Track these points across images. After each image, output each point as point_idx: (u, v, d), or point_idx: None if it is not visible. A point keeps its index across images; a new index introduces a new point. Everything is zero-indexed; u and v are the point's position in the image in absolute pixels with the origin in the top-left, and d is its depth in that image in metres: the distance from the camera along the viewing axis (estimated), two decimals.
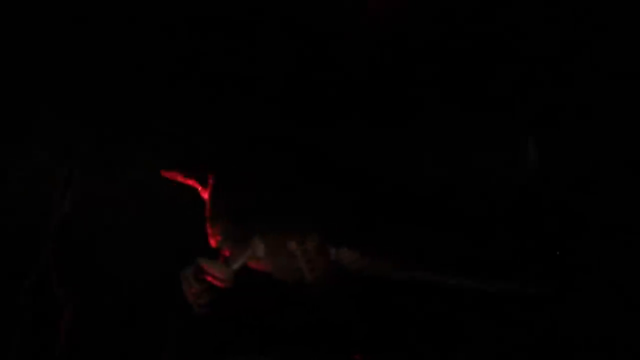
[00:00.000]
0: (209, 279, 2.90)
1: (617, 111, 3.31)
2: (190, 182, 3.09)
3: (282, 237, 2.95)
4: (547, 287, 3.03)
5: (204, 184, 3.06)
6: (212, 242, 3.00)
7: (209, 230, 3.01)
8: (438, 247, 3.11)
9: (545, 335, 3.04)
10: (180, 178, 3.10)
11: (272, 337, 3.05)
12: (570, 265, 3.13)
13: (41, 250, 3.37)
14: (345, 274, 3.00)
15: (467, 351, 3.04)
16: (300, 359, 3.02)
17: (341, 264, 2.98)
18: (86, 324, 3.22)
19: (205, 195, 3.05)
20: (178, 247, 3.19)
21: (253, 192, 3.06)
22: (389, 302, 3.09)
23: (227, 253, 2.95)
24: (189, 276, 2.91)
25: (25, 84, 3.54)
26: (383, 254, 3.02)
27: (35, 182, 3.48)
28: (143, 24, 3.52)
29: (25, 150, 3.50)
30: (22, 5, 3.57)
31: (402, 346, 3.05)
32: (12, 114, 3.54)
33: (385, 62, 3.45)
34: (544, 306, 3.04)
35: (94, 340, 3.20)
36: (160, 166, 3.20)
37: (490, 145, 3.31)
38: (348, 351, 3.03)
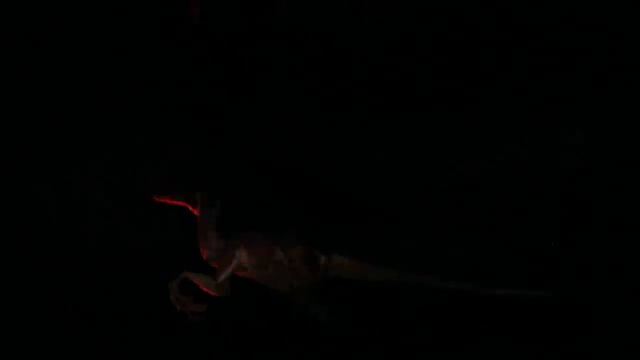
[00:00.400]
0: (204, 289, 3.11)
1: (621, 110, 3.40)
2: (181, 203, 3.25)
3: (269, 247, 3.12)
4: (551, 291, 3.01)
5: (193, 204, 3.22)
6: (203, 256, 3.18)
7: (199, 244, 3.18)
8: (439, 249, 3.21)
9: (549, 338, 3.06)
10: (170, 201, 3.26)
11: (263, 343, 3.18)
12: (574, 265, 3.18)
13: (42, 250, 3.51)
14: (335, 280, 3.11)
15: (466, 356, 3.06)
16: None
17: (332, 271, 3.11)
18: (86, 324, 3.39)
19: (196, 212, 3.21)
20: (180, 248, 3.35)
21: (239, 205, 3.19)
22: (383, 307, 3.19)
23: (216, 265, 3.15)
24: (174, 286, 3.11)
25: (24, 87, 3.63)
26: (376, 259, 3.09)
27: (34, 181, 3.60)
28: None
29: (24, 151, 3.62)
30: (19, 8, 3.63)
31: (397, 352, 3.09)
32: (11, 114, 3.63)
33: (384, 62, 3.47)
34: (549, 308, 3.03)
35: (95, 340, 3.36)
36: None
37: (489, 146, 3.38)
38: (340, 356, 3.09)
